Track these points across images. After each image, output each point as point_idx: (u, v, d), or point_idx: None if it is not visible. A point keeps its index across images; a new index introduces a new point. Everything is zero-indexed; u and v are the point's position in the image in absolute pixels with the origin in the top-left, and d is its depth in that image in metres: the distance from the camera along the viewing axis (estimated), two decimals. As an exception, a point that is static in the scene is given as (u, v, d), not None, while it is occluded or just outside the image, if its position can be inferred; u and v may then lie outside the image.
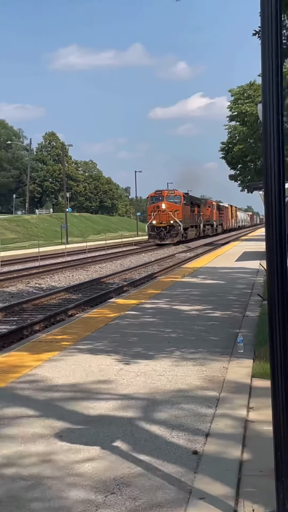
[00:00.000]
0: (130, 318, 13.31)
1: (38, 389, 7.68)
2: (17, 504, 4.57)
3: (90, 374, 8.42)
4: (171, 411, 6.76)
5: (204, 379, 8.08)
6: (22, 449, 5.68)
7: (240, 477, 5.05)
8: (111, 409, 6.84)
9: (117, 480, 4.96)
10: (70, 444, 5.75)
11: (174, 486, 4.84)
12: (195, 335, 11.20)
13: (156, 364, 8.93)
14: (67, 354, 9.69)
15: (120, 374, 8.36)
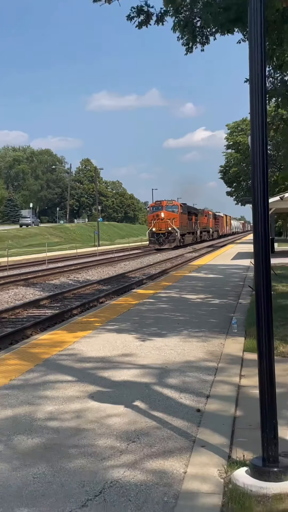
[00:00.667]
0: (147, 305, 13.34)
1: (75, 360, 7.72)
2: (59, 450, 4.61)
3: (115, 348, 8.45)
4: (180, 377, 6.78)
5: (206, 353, 8.09)
6: (63, 406, 5.73)
7: (233, 429, 5.08)
8: (132, 376, 6.87)
9: (137, 431, 4.99)
10: (100, 403, 5.79)
11: (181, 437, 4.86)
12: (199, 318, 11.22)
13: (168, 341, 8.94)
14: (98, 333, 9.73)
15: (140, 349, 8.38)
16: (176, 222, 57.55)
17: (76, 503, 3.70)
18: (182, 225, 59.35)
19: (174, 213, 58.40)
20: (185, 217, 62.44)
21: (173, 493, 3.83)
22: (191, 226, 67.61)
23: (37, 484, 3.99)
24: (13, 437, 4.89)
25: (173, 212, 58.47)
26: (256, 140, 4.19)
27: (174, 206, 59.87)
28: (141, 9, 13.58)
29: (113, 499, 3.75)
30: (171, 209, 58.79)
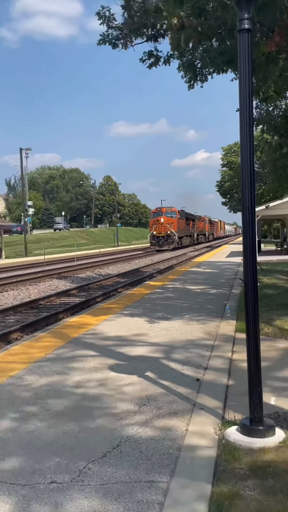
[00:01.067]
0: (157, 294, 13.32)
1: (98, 339, 7.73)
2: (84, 411, 4.62)
3: (130, 329, 8.45)
4: (183, 353, 6.77)
5: (204, 333, 8.07)
6: (87, 376, 5.74)
7: (226, 395, 5.06)
8: (144, 351, 6.87)
9: (148, 397, 4.99)
10: (117, 373, 5.79)
11: (184, 401, 4.86)
12: (198, 305, 11.19)
13: (173, 323, 8.93)
14: (117, 317, 9.74)
15: (150, 329, 8.38)
16: (174, 226, 54.08)
17: (98, 454, 3.72)
18: (180, 229, 55.94)
19: (172, 218, 54.70)
20: (182, 222, 58.68)
21: (176, 446, 3.84)
22: (189, 230, 63.41)
23: (66, 439, 4.01)
24: (47, 400, 4.91)
25: (171, 217, 54.84)
26: (245, 160, 4.18)
27: (173, 212, 55.90)
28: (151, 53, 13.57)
29: (128, 451, 3.76)
30: (170, 214, 55.16)
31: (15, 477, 3.40)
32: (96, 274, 25.33)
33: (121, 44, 13.20)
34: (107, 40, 13.12)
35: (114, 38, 13.13)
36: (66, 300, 15.84)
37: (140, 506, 3.03)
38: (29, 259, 37.96)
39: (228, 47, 10.42)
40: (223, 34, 10.34)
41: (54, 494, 3.18)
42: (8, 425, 4.30)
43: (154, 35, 13.14)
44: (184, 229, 59.23)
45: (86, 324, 9.01)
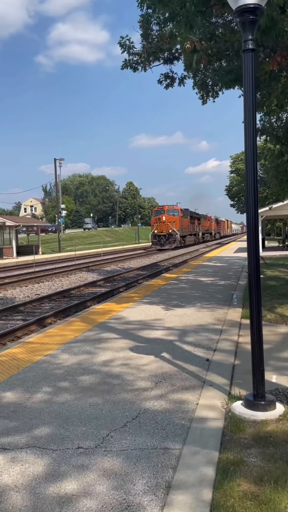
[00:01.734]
0: (172, 285, 13.26)
1: (120, 323, 7.72)
2: (108, 387, 4.60)
3: (149, 315, 8.42)
4: (195, 336, 6.71)
5: (214, 319, 7.99)
6: (111, 356, 5.72)
7: (233, 374, 4.99)
8: (160, 335, 6.83)
9: (163, 374, 4.95)
10: (137, 354, 5.76)
11: (195, 378, 4.81)
12: (209, 294, 11.10)
13: (186, 310, 8.87)
14: (137, 305, 9.71)
15: (166, 316, 8.33)
16: (177, 224, 46.47)
17: (119, 424, 3.70)
18: (182, 228, 48.38)
19: (174, 216, 47.05)
20: (186, 220, 50.94)
21: (188, 418, 3.80)
22: (193, 229, 55.47)
23: (92, 410, 4.00)
24: (76, 377, 4.92)
25: (173, 215, 47.16)
26: (249, 166, 4.12)
27: (175, 210, 48.42)
28: (167, 75, 13.52)
29: (145, 422, 3.74)
30: (172, 213, 47.56)
31: (48, 443, 3.41)
32: (120, 267, 25.35)
33: (140, 67, 13.17)
34: (128, 65, 13.11)
35: (134, 62, 13.12)
36: (93, 290, 15.89)
37: (155, 469, 3.01)
38: (62, 255, 38.19)
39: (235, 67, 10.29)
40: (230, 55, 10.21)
41: (80, 458, 3.18)
42: (42, 398, 4.32)
43: (169, 58, 13.06)
44: (187, 228, 51.76)
45: (111, 310, 9.01)
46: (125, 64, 13.05)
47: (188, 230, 51.94)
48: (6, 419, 3.83)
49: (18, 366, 5.31)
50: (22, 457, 3.20)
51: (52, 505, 2.65)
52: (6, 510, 2.61)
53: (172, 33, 10.33)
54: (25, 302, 12.52)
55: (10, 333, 8.61)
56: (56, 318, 10.14)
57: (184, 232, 49.46)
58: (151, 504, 2.64)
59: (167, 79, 13.59)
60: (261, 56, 9.64)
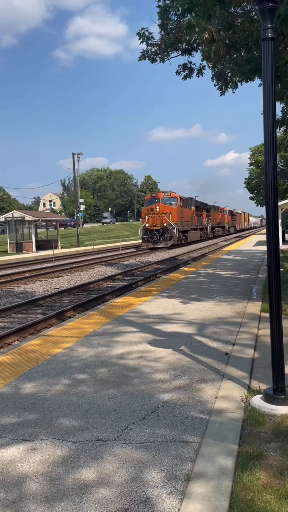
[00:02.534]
0: (191, 279, 13.22)
1: (138, 317, 7.73)
2: (126, 380, 4.62)
3: (167, 309, 8.41)
4: (214, 329, 6.68)
5: (233, 312, 7.94)
6: (129, 349, 5.74)
7: (252, 367, 4.95)
8: (179, 328, 6.82)
9: (182, 367, 4.95)
10: (155, 347, 5.76)
11: (214, 372, 4.79)
12: (228, 288, 11.03)
13: (205, 304, 8.83)
14: (155, 298, 9.71)
15: (184, 309, 8.31)
16: (174, 216, 35.79)
17: (138, 417, 3.72)
18: (183, 220, 38.05)
19: (171, 206, 36.37)
20: (188, 211, 40.74)
21: (207, 411, 3.79)
22: (200, 222, 45.85)
23: (111, 403, 4.03)
24: (95, 370, 4.95)
25: (170, 205, 36.44)
26: (268, 158, 4.05)
27: (173, 198, 37.41)
28: (185, 65, 13.42)
29: (164, 415, 3.74)
30: (169, 202, 36.84)
31: (67, 435, 3.44)
32: (138, 261, 25.38)
33: (158, 59, 13.10)
34: (146, 55, 13.05)
35: (152, 53, 13.05)
36: (112, 284, 15.95)
37: (175, 462, 3.02)
38: (81, 249, 38.42)
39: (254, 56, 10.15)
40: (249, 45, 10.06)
41: (99, 449, 3.21)
42: (62, 390, 4.36)
43: (187, 48, 12.95)
44: (190, 221, 41.41)
45: (129, 304, 9.03)
46: (143, 55, 12.99)
47: (191, 223, 41.75)
48: (27, 411, 3.88)
49: (38, 358, 5.37)
50: (42, 448, 3.24)
51: (70, 494, 2.68)
52: (26, 498, 2.65)
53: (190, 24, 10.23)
54: (44, 296, 12.64)
55: (30, 326, 8.71)
56: (75, 312, 10.22)
57: (186, 226, 39.52)
58: (170, 497, 2.64)
59: (185, 69, 13.50)
60: (281, 45, 9.48)
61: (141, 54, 13.03)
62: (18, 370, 4.96)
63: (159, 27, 12.72)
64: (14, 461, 3.08)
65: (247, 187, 74.43)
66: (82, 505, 2.58)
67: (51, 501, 2.63)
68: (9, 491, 2.74)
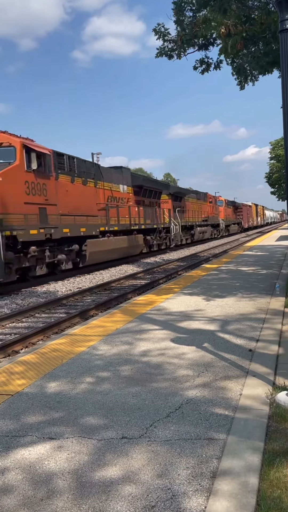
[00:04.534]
0: (212, 275, 13.13)
1: (161, 314, 7.72)
2: (150, 377, 4.62)
3: (189, 306, 8.37)
4: (236, 326, 6.62)
5: (256, 308, 7.86)
6: (152, 346, 5.73)
7: (277, 364, 4.89)
8: (201, 325, 6.78)
9: (205, 364, 4.92)
10: (178, 345, 5.74)
11: (238, 369, 4.75)
12: (250, 284, 10.91)
13: (227, 300, 8.76)
14: (177, 296, 9.68)
15: (206, 306, 8.27)
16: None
17: (162, 415, 3.71)
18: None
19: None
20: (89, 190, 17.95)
21: (232, 408, 3.76)
22: (153, 217, 26.51)
23: (135, 401, 4.03)
24: (118, 367, 4.96)
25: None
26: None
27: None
28: (203, 60, 13.34)
29: (188, 412, 3.73)
30: None
31: (92, 433, 3.46)
32: (159, 259, 25.35)
33: (175, 55, 13.06)
34: (163, 52, 13.03)
35: (169, 50, 13.02)
36: (133, 282, 15.97)
37: (200, 459, 3.00)
38: (102, 248, 38.52)
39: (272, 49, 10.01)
40: (267, 38, 9.92)
41: (124, 447, 3.22)
42: (86, 388, 4.39)
43: (204, 44, 12.87)
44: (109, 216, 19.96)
45: (151, 302, 9.03)
46: (160, 52, 12.97)
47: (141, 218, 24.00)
48: (52, 410, 3.92)
49: (62, 357, 5.42)
50: (68, 446, 3.27)
51: (97, 491, 2.70)
52: (53, 495, 2.68)
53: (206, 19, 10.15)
54: (67, 295, 12.75)
55: (54, 326, 8.81)
56: (97, 311, 10.28)
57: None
58: (196, 494, 2.63)
59: (202, 64, 13.42)
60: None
61: (158, 51, 13.02)
62: (42, 369, 5.02)
63: (174, 23, 12.68)
64: (41, 459, 3.11)
65: (268, 181, 73.49)
66: (108, 502, 2.60)
67: (78, 498, 2.65)
68: (37, 488, 2.77)
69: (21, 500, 2.66)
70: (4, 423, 3.69)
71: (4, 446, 3.31)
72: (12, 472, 2.97)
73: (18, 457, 3.15)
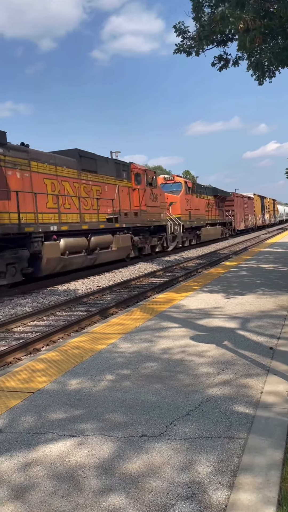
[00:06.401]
0: (232, 273, 13.04)
1: (180, 312, 7.70)
2: (170, 375, 4.61)
3: (209, 304, 8.32)
4: (257, 323, 6.56)
5: (277, 306, 7.77)
6: (171, 344, 5.72)
7: (298, 362, 4.83)
8: (221, 323, 6.73)
9: (225, 362, 4.89)
10: (198, 342, 5.72)
11: (258, 367, 4.71)
12: (271, 281, 10.80)
13: (247, 298, 8.69)
14: (196, 293, 9.64)
15: (226, 304, 8.21)
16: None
17: (182, 413, 3.70)
18: None
19: None
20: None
21: (253, 406, 3.73)
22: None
23: (154, 398, 4.03)
24: (138, 365, 4.97)
25: None
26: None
27: None
28: (221, 56, 13.25)
29: (209, 411, 3.71)
30: None
31: (112, 430, 3.48)
32: (179, 256, 25.29)
33: (194, 52, 13.00)
34: (182, 49, 12.99)
35: (187, 47, 12.98)
36: (152, 280, 15.97)
37: (220, 458, 2.99)
38: (121, 246, 38.63)
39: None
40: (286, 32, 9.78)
41: (145, 445, 3.22)
42: (106, 386, 4.41)
43: (223, 40, 12.77)
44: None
45: (170, 300, 9.01)
46: (179, 49, 12.94)
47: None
48: (73, 407, 3.95)
49: (82, 355, 5.46)
50: (89, 443, 3.29)
51: (119, 485, 2.71)
52: (75, 491, 2.70)
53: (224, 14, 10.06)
54: (87, 293, 12.83)
55: (74, 324, 8.87)
56: (117, 309, 10.31)
57: None
58: (217, 492, 2.62)
59: (221, 61, 13.33)
60: None
61: (176, 48, 12.99)
62: (63, 367, 5.06)
63: (193, 20, 12.61)
64: (62, 456, 3.14)
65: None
66: (129, 500, 2.61)
67: (98, 495, 2.66)
68: (58, 485, 2.80)
69: (44, 495, 2.69)
70: (26, 420, 3.74)
71: (26, 443, 3.36)
72: (34, 468, 3.00)
73: (40, 454, 3.19)
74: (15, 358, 6.98)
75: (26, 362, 5.36)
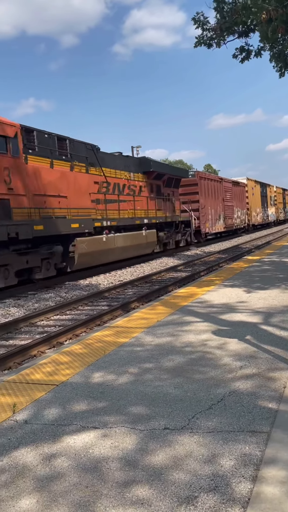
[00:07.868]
0: (254, 267, 12.93)
1: (202, 307, 7.68)
2: (190, 369, 4.62)
3: (231, 298, 8.28)
4: (280, 318, 6.50)
5: (300, 301, 7.69)
6: (193, 339, 5.72)
7: None
8: (244, 317, 6.70)
9: (248, 356, 4.87)
10: (220, 337, 5.70)
11: (281, 361, 4.67)
12: (294, 276, 10.68)
13: (270, 292, 8.60)
14: (218, 288, 9.60)
15: (249, 298, 8.15)
16: None
17: (204, 407, 3.71)
18: None
19: None
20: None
21: (276, 401, 3.71)
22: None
23: (177, 392, 4.05)
24: (160, 359, 4.99)
25: None
26: None
27: None
28: (243, 48, 13.08)
29: (231, 405, 3.71)
30: None
31: (135, 423, 3.51)
32: (200, 251, 25.19)
33: (214, 43, 12.87)
34: (202, 41, 12.86)
35: (208, 39, 12.84)
36: (174, 274, 15.97)
37: (243, 451, 2.99)
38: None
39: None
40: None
41: (167, 437, 3.24)
42: (128, 379, 4.45)
43: (244, 31, 12.60)
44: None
45: (192, 294, 9.00)
46: (199, 41, 12.82)
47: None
48: (96, 400, 4.00)
49: (105, 349, 5.51)
50: (112, 435, 3.33)
51: (142, 477, 2.74)
52: (99, 482, 2.74)
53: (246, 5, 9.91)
54: (109, 288, 12.91)
55: (97, 318, 8.95)
56: (139, 303, 10.35)
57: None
58: (239, 486, 2.62)
59: (242, 52, 13.17)
60: None
61: (196, 40, 12.86)
62: (86, 360, 5.12)
63: (214, 10, 12.47)
64: (86, 447, 3.19)
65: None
66: (152, 491, 2.63)
67: (122, 486, 2.70)
68: (82, 475, 2.84)
69: (68, 486, 2.74)
70: (50, 412, 3.81)
71: (50, 434, 3.42)
72: (58, 459, 3.06)
73: (64, 445, 3.24)
74: (39, 351, 7.09)
75: (50, 355, 5.44)
